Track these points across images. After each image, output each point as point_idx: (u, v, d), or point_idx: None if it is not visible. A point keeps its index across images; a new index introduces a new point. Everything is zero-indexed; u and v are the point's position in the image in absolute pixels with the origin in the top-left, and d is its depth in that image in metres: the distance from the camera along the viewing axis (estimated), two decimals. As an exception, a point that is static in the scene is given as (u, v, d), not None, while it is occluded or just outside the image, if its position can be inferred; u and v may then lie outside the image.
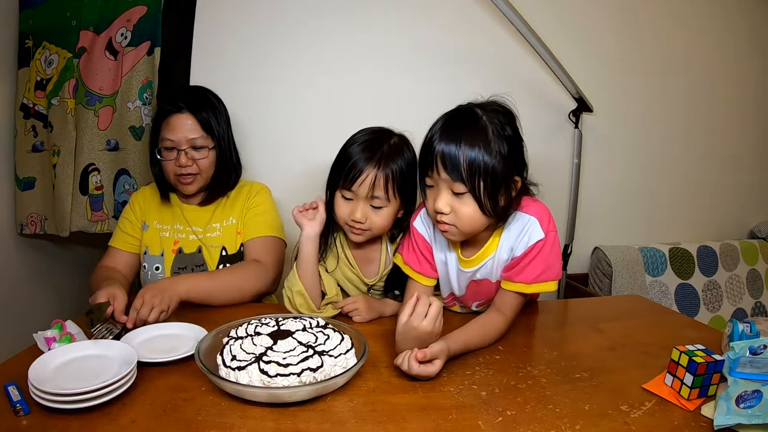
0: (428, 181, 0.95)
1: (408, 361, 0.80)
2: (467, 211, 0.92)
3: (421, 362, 0.79)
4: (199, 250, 1.26)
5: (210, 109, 1.24)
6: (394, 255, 1.14)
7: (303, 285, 1.07)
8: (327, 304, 1.11)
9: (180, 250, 1.26)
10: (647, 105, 1.91)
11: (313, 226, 1.09)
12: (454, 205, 0.92)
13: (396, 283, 1.16)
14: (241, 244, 1.28)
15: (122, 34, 1.54)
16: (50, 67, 1.59)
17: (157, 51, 1.53)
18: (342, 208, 1.08)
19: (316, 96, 1.65)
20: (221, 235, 1.27)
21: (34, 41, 1.61)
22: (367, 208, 1.06)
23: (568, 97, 1.72)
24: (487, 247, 1.01)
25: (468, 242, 1.03)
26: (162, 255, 1.25)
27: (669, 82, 1.92)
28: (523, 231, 0.97)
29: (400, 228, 1.14)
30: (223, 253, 1.26)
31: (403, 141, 1.11)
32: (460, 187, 0.90)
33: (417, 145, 0.94)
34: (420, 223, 1.07)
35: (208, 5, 1.59)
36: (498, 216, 0.95)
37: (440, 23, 1.69)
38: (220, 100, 1.29)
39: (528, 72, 1.73)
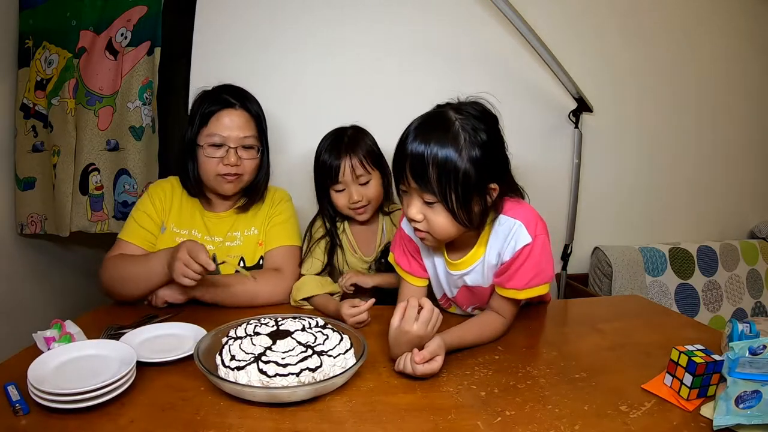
0: (402, 187, 0.93)
1: (410, 364, 0.80)
2: (439, 221, 0.90)
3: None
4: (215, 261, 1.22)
5: (260, 110, 1.23)
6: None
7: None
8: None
9: None
10: (647, 105, 1.91)
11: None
12: (426, 213, 0.90)
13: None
14: (261, 257, 1.24)
15: (122, 34, 1.54)
16: (50, 67, 1.59)
17: (157, 51, 1.53)
18: (340, 200, 1.26)
19: (316, 93, 1.66)
20: (241, 244, 1.24)
21: (34, 41, 1.61)
22: (358, 188, 1.24)
23: (568, 97, 1.72)
24: (475, 251, 0.99)
25: (454, 245, 1.01)
26: None
27: (669, 82, 1.91)
28: (510, 235, 0.94)
29: (389, 197, 1.32)
30: (241, 264, 1.22)
31: (357, 129, 1.28)
32: (430, 197, 0.88)
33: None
34: (407, 225, 1.06)
35: (208, 5, 1.59)
36: (473, 224, 0.91)
37: (440, 22, 1.69)
38: None
39: (528, 72, 1.73)
